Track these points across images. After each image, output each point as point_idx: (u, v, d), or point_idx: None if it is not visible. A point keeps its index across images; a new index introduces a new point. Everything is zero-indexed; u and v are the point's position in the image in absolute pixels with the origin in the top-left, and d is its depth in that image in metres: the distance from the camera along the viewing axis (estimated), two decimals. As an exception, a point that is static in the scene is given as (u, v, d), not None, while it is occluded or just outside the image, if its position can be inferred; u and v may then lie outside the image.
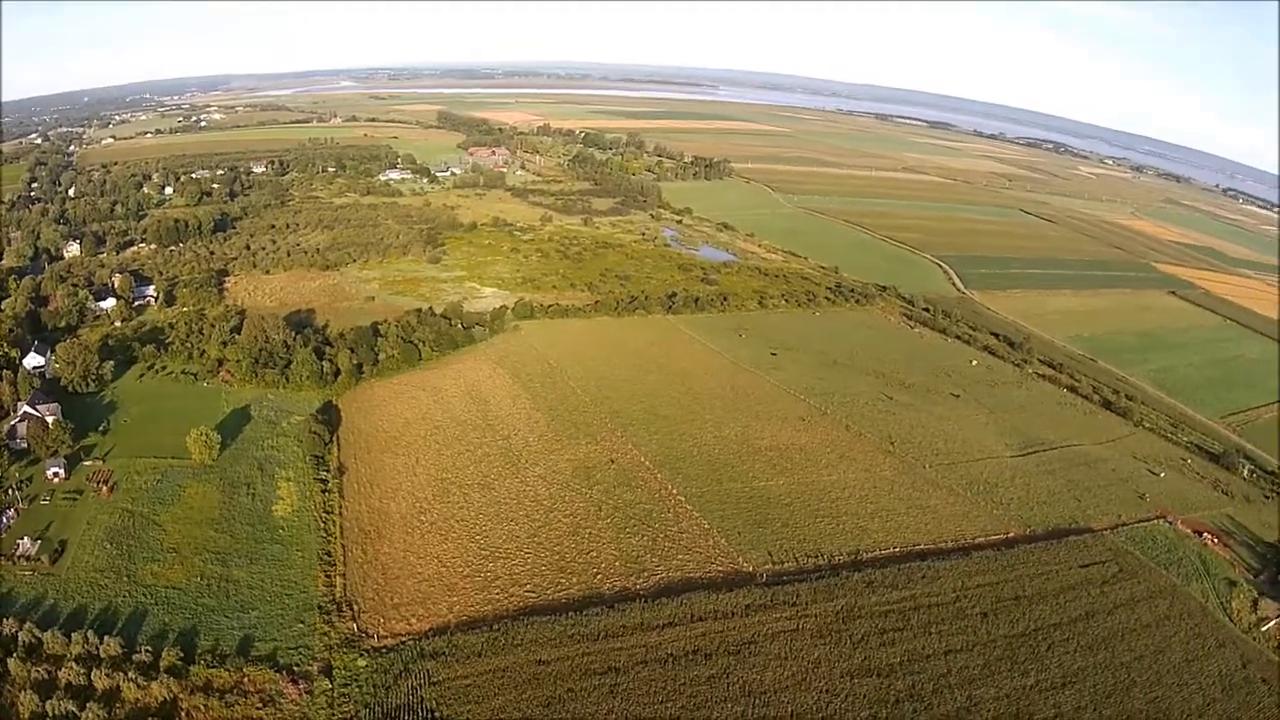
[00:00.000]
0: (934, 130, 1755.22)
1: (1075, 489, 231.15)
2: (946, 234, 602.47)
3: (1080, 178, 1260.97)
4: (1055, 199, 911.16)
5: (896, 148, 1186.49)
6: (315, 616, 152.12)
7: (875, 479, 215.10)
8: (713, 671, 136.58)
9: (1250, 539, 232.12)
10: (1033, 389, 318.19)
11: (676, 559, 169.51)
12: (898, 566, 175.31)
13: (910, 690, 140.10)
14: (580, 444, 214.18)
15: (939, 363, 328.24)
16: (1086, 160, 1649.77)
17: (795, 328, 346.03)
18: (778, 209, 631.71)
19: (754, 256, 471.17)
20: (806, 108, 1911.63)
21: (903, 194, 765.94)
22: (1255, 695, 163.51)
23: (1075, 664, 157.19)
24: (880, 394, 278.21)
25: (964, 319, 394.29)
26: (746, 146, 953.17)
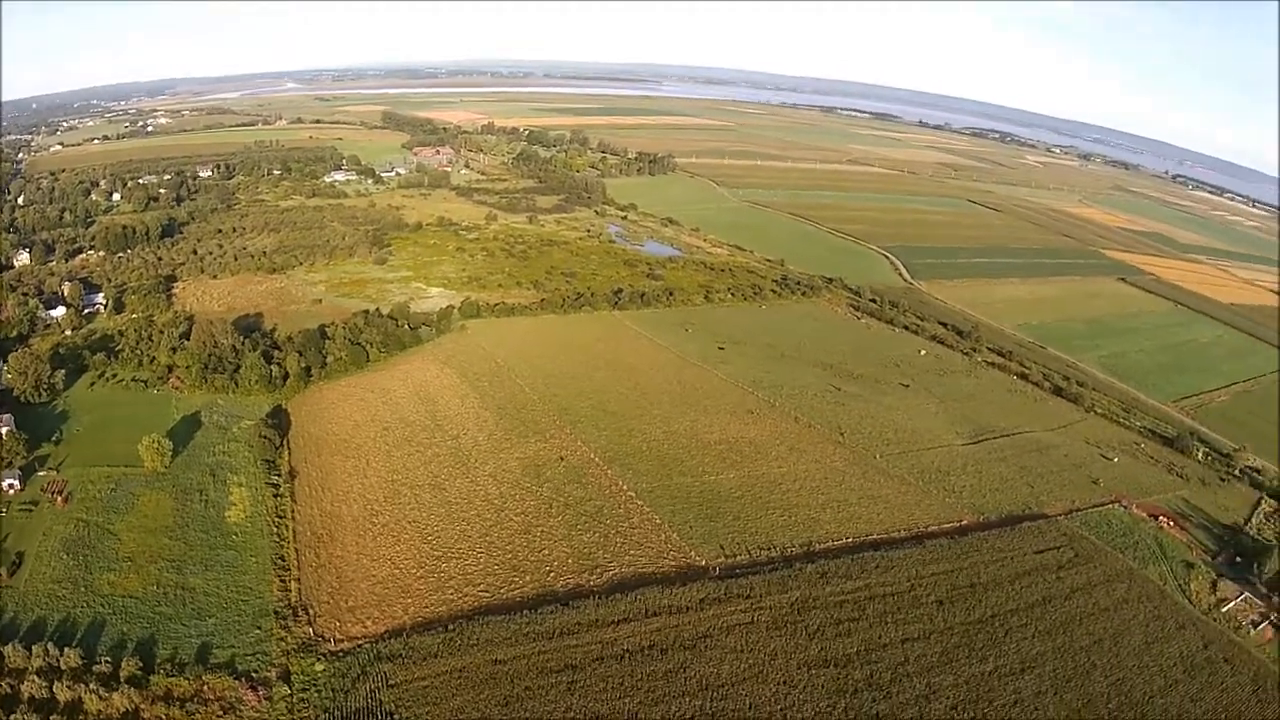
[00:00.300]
0: (878, 122, 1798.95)
1: (1028, 475, 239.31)
2: (892, 225, 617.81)
3: (1027, 166, 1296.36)
4: (1001, 188, 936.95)
5: (841, 140, 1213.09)
6: (271, 622, 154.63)
7: (826, 470, 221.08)
8: (669, 666, 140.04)
9: (1207, 521, 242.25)
10: (982, 377, 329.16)
11: (629, 555, 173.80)
12: (851, 557, 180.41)
13: (868, 679, 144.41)
14: (529, 442, 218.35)
15: (887, 353, 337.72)
16: (1033, 149, 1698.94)
17: (742, 321, 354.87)
18: (722, 203, 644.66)
19: (699, 251, 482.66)
20: (750, 102, 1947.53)
21: (847, 186, 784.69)
22: (1218, 675, 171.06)
23: (1033, 649, 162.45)
24: (829, 385, 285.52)
25: (911, 309, 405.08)
26: (690, 141, 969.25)
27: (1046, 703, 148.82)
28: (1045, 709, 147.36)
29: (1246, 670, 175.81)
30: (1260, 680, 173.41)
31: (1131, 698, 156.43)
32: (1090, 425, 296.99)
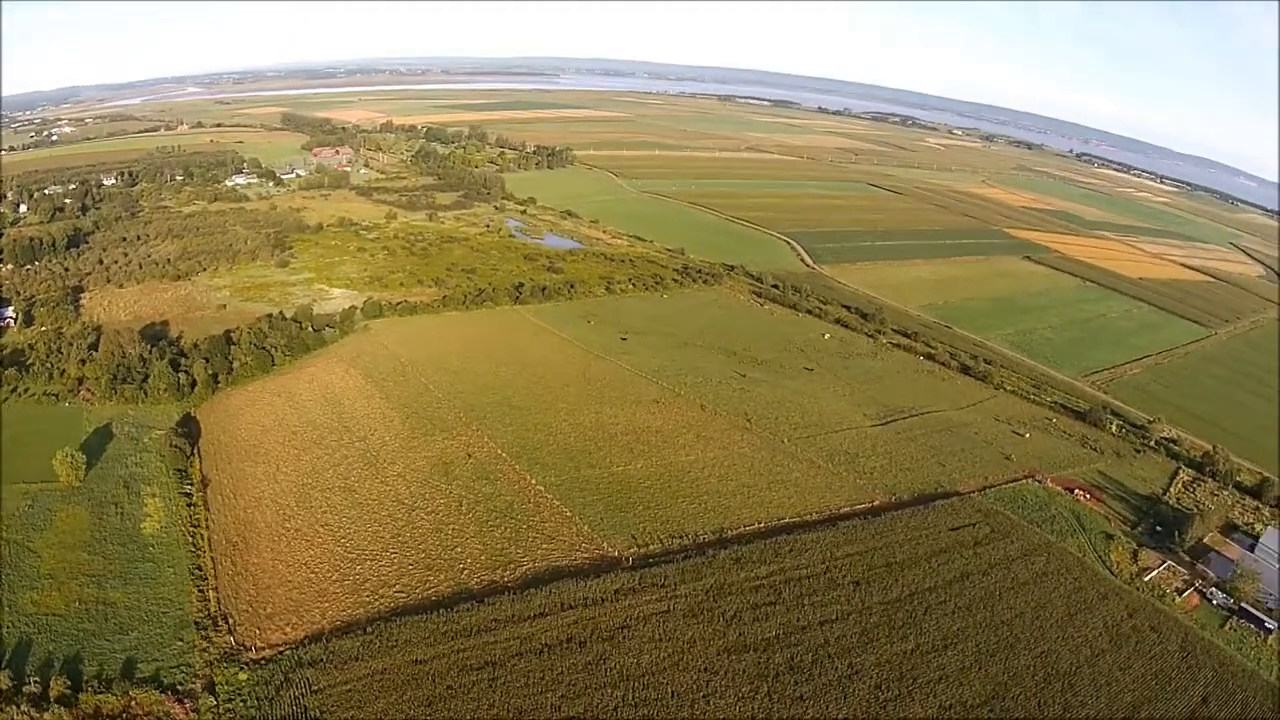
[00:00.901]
0: (777, 109, 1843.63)
1: (938, 454, 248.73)
2: (793, 211, 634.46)
3: (929, 149, 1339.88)
4: (903, 171, 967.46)
5: (739, 128, 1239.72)
6: (193, 633, 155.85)
7: (734, 456, 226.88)
8: (589, 658, 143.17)
9: (1124, 492, 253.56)
10: (888, 359, 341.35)
11: (541, 549, 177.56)
12: (764, 541, 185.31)
13: (789, 663, 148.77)
14: (436, 440, 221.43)
15: (791, 338, 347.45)
16: (935, 132, 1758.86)
17: (644, 311, 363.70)
18: (621, 194, 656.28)
19: (599, 243, 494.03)
20: (649, 92, 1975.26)
21: (747, 174, 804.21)
22: (1145, 643, 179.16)
23: (954, 626, 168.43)
24: (733, 372, 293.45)
25: (814, 293, 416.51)
26: (589, 134, 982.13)
27: (971, 678, 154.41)
28: (970, 684, 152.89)
29: (1174, 637, 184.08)
30: (1189, 646, 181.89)
31: (1058, 669, 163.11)
32: (1000, 402, 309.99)
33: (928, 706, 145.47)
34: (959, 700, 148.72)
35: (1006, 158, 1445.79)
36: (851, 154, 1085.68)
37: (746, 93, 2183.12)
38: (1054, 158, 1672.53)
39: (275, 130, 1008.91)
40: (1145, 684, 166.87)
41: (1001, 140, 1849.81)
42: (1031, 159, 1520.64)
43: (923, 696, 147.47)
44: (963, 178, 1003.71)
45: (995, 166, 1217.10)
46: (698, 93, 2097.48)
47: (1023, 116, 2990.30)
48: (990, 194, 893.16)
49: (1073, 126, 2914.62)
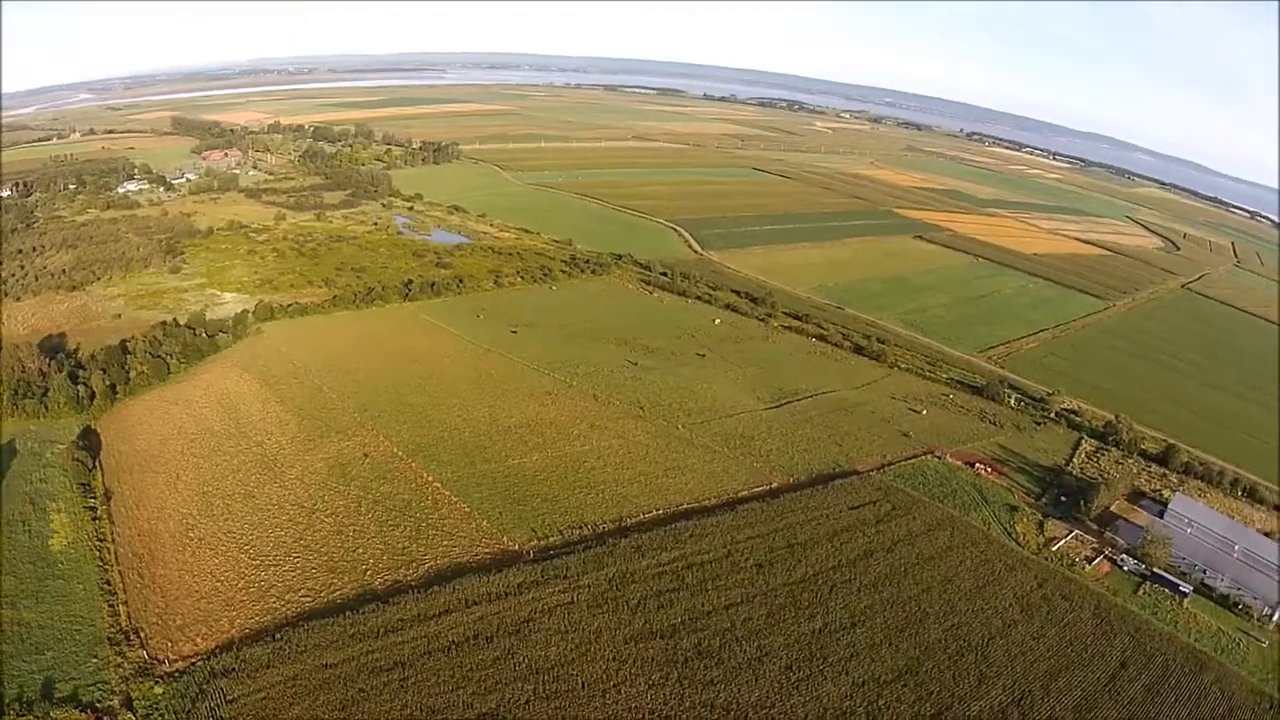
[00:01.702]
0: (664, 97, 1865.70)
1: (835, 434, 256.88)
2: (680, 198, 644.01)
3: (817, 133, 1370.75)
4: (791, 155, 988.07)
5: (626, 117, 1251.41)
6: (106, 649, 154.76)
7: (629, 445, 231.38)
8: (497, 653, 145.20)
9: (1026, 465, 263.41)
10: (780, 341, 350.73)
11: (442, 546, 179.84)
12: (664, 528, 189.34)
13: (697, 647, 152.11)
14: (332, 441, 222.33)
15: (681, 324, 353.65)
16: (823, 115, 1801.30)
17: (533, 303, 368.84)
18: (508, 187, 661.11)
19: (487, 237, 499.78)
20: (534, 84, 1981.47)
21: (634, 163, 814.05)
22: (1057, 612, 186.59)
23: (861, 603, 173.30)
24: (625, 361, 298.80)
25: (704, 280, 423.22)
26: (474, 128, 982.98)
27: (882, 654, 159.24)
28: (882, 660, 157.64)
29: (1087, 605, 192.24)
30: (1102, 613, 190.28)
31: (970, 641, 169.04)
32: (895, 381, 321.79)
33: (840, 684, 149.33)
34: (872, 676, 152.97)
35: (896, 139, 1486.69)
36: (738, 140, 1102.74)
37: (633, 82, 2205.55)
38: (944, 138, 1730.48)
39: (166, 135, 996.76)
40: (1060, 652, 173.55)
41: (890, 122, 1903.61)
42: (921, 139, 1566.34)
43: (834, 675, 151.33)
44: (852, 160, 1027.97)
45: (884, 148, 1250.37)
46: (583, 83, 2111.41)
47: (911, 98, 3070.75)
48: (880, 175, 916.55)
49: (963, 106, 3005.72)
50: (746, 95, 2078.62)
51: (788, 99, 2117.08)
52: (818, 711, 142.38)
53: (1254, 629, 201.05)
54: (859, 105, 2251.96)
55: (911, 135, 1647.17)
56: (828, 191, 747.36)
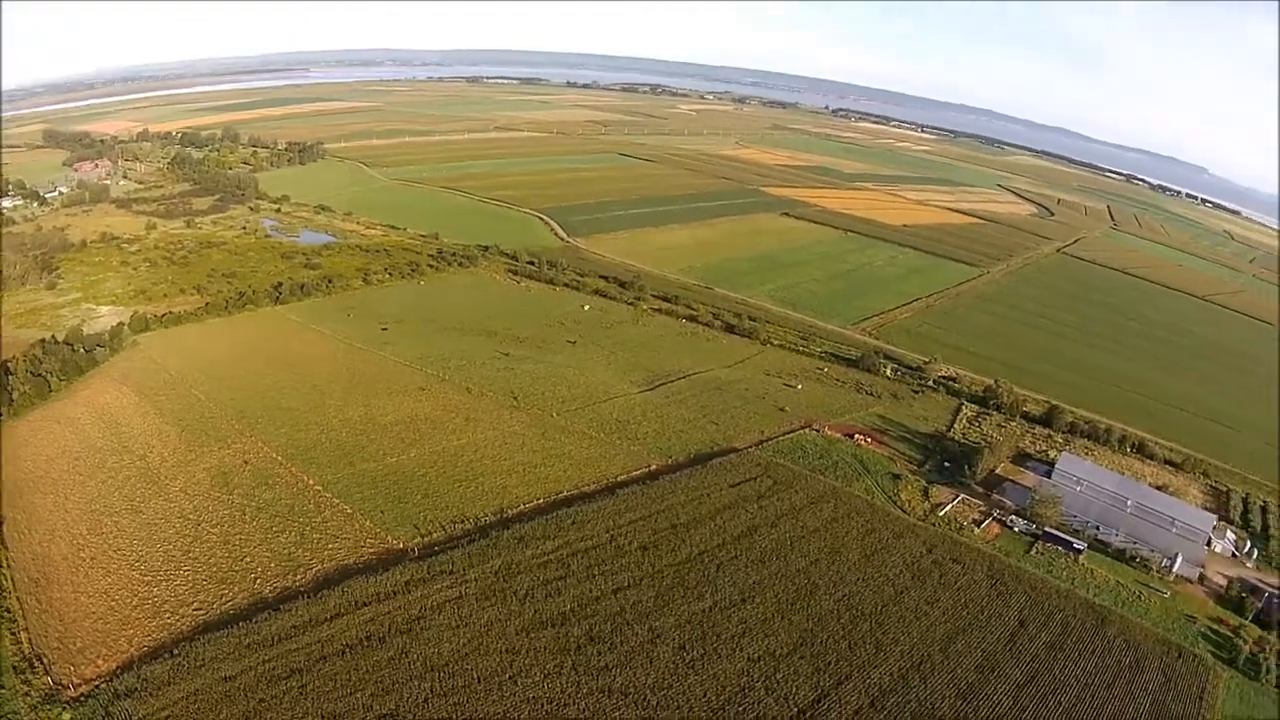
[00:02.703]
0: (526, 86, 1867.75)
1: (710, 413, 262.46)
2: (545, 186, 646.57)
3: (680, 115, 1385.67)
4: (655, 139, 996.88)
5: (489, 108, 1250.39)
6: (12, 678, 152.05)
7: (505, 436, 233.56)
8: (391, 653, 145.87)
9: (907, 433, 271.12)
10: (650, 324, 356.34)
11: (328, 549, 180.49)
12: (545, 517, 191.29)
13: (589, 634, 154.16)
14: (213, 450, 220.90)
15: (551, 313, 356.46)
16: (686, 98, 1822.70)
17: (402, 299, 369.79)
18: (373, 184, 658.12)
19: (354, 235, 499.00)
20: (397, 80, 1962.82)
21: (498, 153, 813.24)
22: (949, 576, 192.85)
23: (749, 579, 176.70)
24: (496, 352, 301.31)
25: (571, 267, 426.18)
26: (339, 126, 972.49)
27: (775, 628, 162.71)
28: (775, 634, 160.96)
29: (980, 567, 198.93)
30: (996, 574, 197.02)
31: (863, 610, 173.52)
32: (769, 357, 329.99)
33: (735, 661, 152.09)
34: (766, 651, 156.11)
35: (760, 118, 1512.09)
36: (602, 126, 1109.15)
37: (494, 73, 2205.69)
38: (810, 115, 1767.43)
39: (38, 148, 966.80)
40: (956, 615, 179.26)
41: (755, 102, 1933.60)
42: (787, 118, 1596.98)
43: (728, 652, 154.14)
44: (716, 141, 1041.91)
45: (749, 128, 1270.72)
46: (445, 76, 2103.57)
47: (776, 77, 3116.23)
48: (745, 155, 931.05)
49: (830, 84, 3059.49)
50: (609, 81, 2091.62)
51: (650, 83, 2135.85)
52: (715, 689, 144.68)
53: (1154, 581, 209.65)
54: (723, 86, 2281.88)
55: (777, 114, 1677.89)
56: (693, 173, 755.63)
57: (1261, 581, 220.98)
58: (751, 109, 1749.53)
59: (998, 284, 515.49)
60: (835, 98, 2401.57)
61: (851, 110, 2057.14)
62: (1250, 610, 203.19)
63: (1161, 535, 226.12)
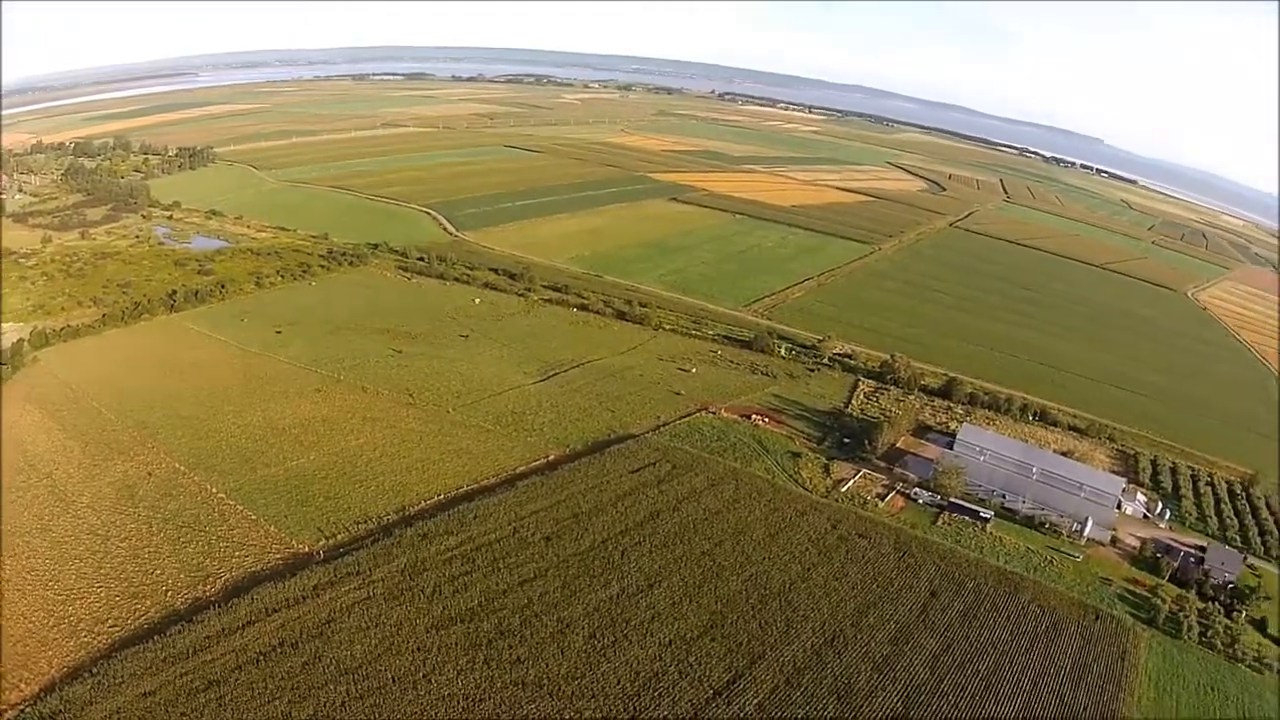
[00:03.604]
0: (411, 82, 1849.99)
1: (606, 400, 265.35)
2: (432, 181, 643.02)
3: (566, 105, 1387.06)
4: (541, 130, 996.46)
5: (375, 105, 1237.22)
6: None
7: (402, 434, 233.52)
8: (305, 659, 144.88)
9: (805, 411, 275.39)
10: (542, 315, 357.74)
11: (235, 557, 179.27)
12: (447, 513, 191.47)
13: (499, 628, 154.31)
14: (117, 463, 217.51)
15: (442, 308, 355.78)
16: (571, 88, 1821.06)
17: (295, 301, 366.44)
18: (263, 186, 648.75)
19: (245, 238, 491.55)
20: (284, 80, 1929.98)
21: (385, 150, 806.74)
22: (856, 550, 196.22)
23: (655, 564, 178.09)
24: (389, 350, 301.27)
25: (460, 261, 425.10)
26: (228, 129, 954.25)
27: (685, 611, 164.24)
28: (685, 617, 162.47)
29: (886, 540, 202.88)
30: (903, 547, 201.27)
31: (771, 589, 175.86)
32: (661, 342, 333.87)
33: (647, 646, 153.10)
34: (678, 635, 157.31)
35: (646, 105, 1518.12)
36: (488, 118, 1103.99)
37: (380, 69, 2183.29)
38: (696, 100, 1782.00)
39: None
40: (866, 589, 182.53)
41: (640, 88, 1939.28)
42: (672, 103, 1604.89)
43: (639, 637, 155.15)
44: (602, 129, 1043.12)
45: (635, 115, 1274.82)
46: (332, 75, 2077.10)
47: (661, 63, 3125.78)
48: (631, 142, 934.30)
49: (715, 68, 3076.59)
50: (494, 74, 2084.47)
51: (535, 74, 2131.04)
52: (629, 676, 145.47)
53: (1065, 546, 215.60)
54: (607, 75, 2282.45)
55: (662, 100, 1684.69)
56: (580, 162, 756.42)
57: (1176, 541, 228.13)
58: (637, 96, 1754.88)
59: (890, 260, 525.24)
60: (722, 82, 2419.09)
61: (738, 94, 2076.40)
62: (1166, 570, 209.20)
63: (1070, 500, 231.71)
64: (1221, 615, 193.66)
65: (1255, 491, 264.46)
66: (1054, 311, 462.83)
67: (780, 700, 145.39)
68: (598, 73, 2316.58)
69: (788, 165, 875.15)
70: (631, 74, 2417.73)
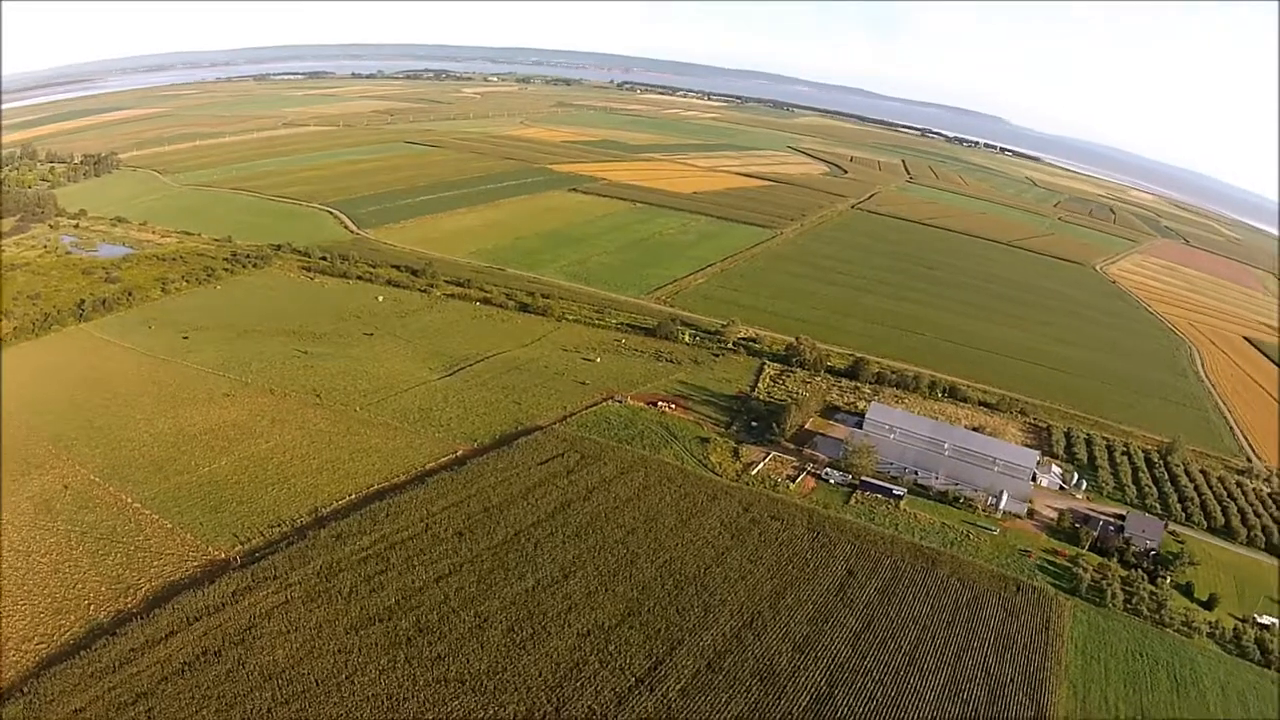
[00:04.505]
0: (312, 81, 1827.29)
1: (512, 393, 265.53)
2: (333, 180, 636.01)
3: (465, 99, 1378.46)
4: (441, 125, 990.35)
5: (277, 105, 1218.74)
6: None
7: (311, 435, 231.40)
8: (228, 666, 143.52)
9: (711, 396, 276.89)
10: (445, 310, 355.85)
11: (154, 567, 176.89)
12: (360, 513, 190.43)
13: (417, 625, 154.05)
14: (33, 478, 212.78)
15: (346, 307, 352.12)
16: (470, 81, 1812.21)
17: (201, 306, 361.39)
18: (167, 191, 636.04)
19: (150, 244, 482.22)
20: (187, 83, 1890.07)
21: (286, 150, 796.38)
22: (769, 532, 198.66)
23: (568, 555, 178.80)
24: (295, 351, 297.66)
25: (363, 259, 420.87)
26: (132, 134, 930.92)
27: (601, 600, 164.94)
28: (602, 606, 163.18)
29: (799, 521, 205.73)
30: (817, 527, 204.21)
31: (686, 574, 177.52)
32: (565, 333, 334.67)
33: (565, 637, 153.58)
34: (595, 624, 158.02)
35: (545, 97, 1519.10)
36: (387, 115, 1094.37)
37: (281, 69, 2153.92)
38: (595, 90, 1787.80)
39: None
40: (782, 570, 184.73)
41: (539, 80, 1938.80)
42: (571, 94, 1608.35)
43: (557, 629, 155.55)
44: (501, 123, 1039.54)
45: (534, 107, 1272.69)
46: (234, 76, 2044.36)
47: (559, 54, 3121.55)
48: (530, 134, 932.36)
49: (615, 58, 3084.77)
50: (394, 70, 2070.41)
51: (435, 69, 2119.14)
52: (550, 667, 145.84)
53: (981, 520, 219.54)
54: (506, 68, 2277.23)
55: (561, 91, 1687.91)
56: (480, 156, 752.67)
57: (1094, 511, 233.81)
58: (536, 88, 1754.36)
59: (792, 243, 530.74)
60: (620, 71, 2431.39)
61: (637, 82, 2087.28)
62: (1086, 540, 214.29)
63: (984, 475, 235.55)
64: (1146, 582, 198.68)
65: (1173, 459, 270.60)
66: (960, 289, 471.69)
67: (703, 685, 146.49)
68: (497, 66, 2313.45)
69: (688, 152, 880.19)
70: (531, 66, 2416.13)
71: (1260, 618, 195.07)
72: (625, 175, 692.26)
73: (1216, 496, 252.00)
